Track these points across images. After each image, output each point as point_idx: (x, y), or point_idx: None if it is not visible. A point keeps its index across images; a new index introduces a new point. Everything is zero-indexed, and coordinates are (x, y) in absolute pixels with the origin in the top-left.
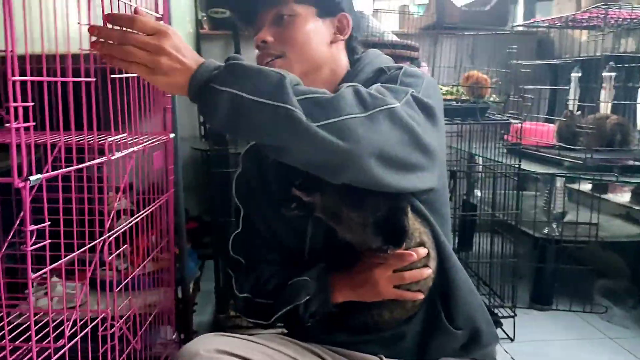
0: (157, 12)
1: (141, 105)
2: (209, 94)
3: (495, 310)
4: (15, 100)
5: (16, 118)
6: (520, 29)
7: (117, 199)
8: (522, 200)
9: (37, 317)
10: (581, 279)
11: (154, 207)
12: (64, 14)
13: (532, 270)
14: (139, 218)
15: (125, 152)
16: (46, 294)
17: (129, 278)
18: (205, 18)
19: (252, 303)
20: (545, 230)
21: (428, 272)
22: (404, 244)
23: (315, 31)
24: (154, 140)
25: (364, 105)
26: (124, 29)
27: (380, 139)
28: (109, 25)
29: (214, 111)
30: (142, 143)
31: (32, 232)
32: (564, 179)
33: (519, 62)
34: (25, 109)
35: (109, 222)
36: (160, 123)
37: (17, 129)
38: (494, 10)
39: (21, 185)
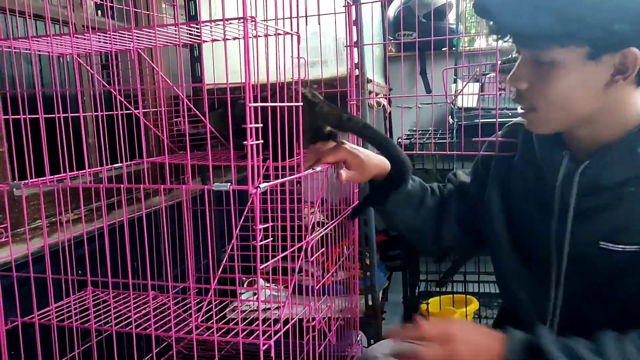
0: (351, 41)
1: None
2: None
3: None
4: (250, 122)
5: (251, 136)
6: None
7: (313, 211)
8: None
9: (244, 313)
10: None
11: (342, 218)
12: (280, 50)
13: None
14: (330, 228)
15: (324, 165)
16: (254, 294)
17: (322, 283)
18: (391, 41)
19: None
20: None
21: None
22: None
23: (581, 82)
24: None
25: None
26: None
27: None
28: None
29: None
30: None
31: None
32: None
33: None
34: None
35: (309, 229)
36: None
37: (252, 146)
38: None
39: (254, 191)
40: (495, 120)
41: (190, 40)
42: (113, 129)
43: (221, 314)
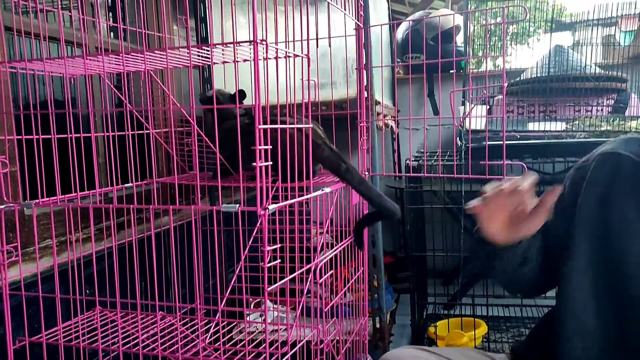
0: (361, 63)
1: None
2: None
3: None
4: (259, 144)
5: (260, 158)
6: None
7: (321, 232)
8: None
9: (252, 335)
10: None
11: (351, 240)
12: (289, 73)
13: None
14: (339, 250)
15: (334, 187)
16: (261, 315)
17: (330, 305)
18: (400, 63)
19: None
20: None
21: None
22: None
23: None
24: None
25: None
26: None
27: None
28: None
29: None
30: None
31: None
32: None
33: None
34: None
35: (317, 251)
36: (359, 163)
37: (260, 167)
38: None
39: (262, 212)
40: (502, 142)
41: (201, 62)
42: (123, 149)
43: (229, 336)
